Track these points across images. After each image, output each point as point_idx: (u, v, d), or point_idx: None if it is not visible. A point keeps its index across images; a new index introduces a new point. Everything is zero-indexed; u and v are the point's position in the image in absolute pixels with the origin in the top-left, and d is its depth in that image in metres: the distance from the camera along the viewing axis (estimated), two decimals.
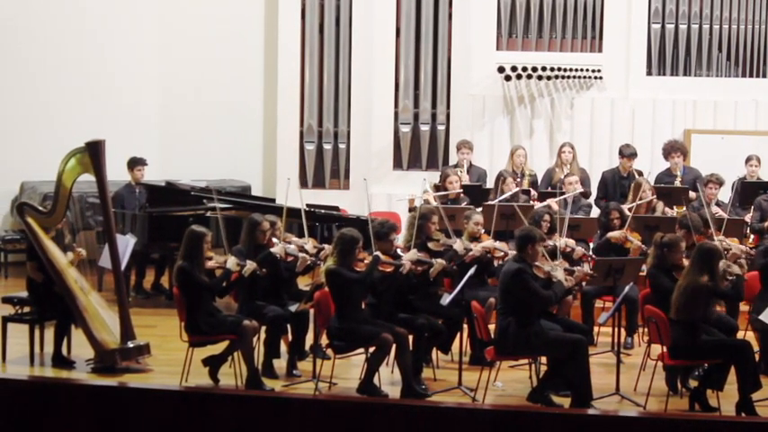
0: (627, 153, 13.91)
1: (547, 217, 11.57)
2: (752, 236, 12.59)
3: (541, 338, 9.66)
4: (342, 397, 9.62)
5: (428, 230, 10.94)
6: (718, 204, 13.05)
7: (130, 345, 10.70)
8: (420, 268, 10.49)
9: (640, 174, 13.57)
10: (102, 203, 10.83)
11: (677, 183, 13.58)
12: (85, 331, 10.67)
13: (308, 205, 13.47)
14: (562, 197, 13.02)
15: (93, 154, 10.67)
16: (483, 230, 11.50)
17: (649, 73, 15.70)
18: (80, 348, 10.90)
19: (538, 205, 12.80)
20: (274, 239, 10.83)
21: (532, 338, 9.64)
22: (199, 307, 10.07)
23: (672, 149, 13.85)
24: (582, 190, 13.37)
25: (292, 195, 11.41)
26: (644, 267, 10.69)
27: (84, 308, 10.70)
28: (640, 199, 12.78)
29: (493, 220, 11.72)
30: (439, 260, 10.59)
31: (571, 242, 11.62)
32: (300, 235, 11.61)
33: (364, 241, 10.22)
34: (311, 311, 10.57)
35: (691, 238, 10.81)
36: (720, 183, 13.15)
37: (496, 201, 12.58)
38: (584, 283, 10.82)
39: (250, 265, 10.30)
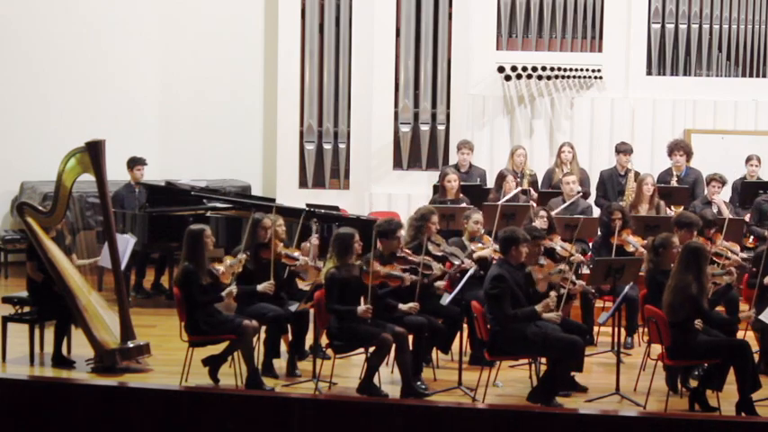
0: (622, 149, 13.94)
1: (543, 213, 11.56)
2: (751, 236, 12.61)
3: (538, 338, 9.69)
4: (342, 397, 9.65)
5: (428, 231, 10.93)
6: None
7: (130, 344, 10.70)
8: (427, 272, 10.49)
9: (638, 174, 13.60)
10: (102, 203, 10.84)
11: (674, 182, 13.59)
12: (85, 331, 10.68)
13: (307, 205, 13.50)
14: (564, 206, 12.92)
15: (93, 154, 10.68)
16: (483, 230, 11.50)
17: (649, 73, 15.70)
18: (80, 348, 10.92)
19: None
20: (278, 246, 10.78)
21: (528, 338, 9.67)
22: (199, 307, 10.08)
23: (675, 148, 13.87)
24: (579, 190, 13.26)
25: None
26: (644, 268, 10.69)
27: (84, 307, 10.71)
28: (641, 193, 12.80)
29: (495, 220, 11.76)
30: (438, 265, 10.62)
31: (568, 246, 11.64)
32: (303, 237, 11.63)
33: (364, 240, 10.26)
34: (311, 311, 10.57)
35: (690, 236, 10.82)
36: (723, 182, 13.15)
37: (501, 201, 12.55)
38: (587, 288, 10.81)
39: (233, 288, 10.30)
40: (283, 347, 10.76)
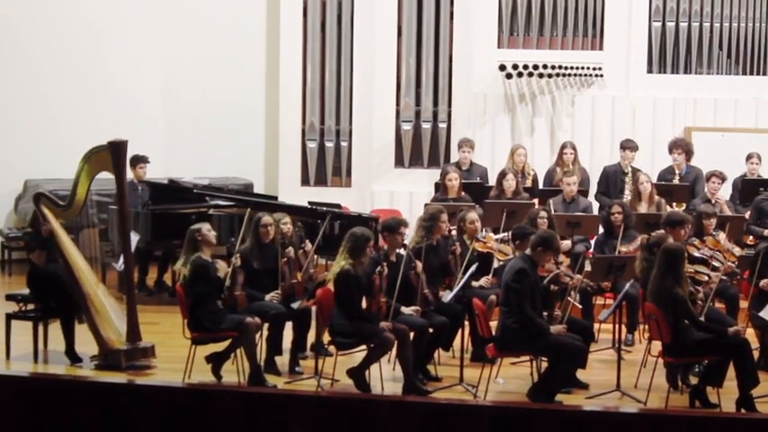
0: (627, 146, 13.98)
1: (543, 213, 11.61)
2: (751, 235, 12.66)
3: (544, 339, 9.72)
4: (343, 393, 9.65)
5: (439, 230, 10.95)
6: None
7: (135, 346, 10.72)
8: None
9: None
10: (119, 204, 10.95)
11: (676, 180, 13.64)
12: (92, 327, 10.73)
13: (309, 203, 13.55)
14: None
15: (115, 154, 10.74)
16: (481, 227, 11.54)
17: (650, 71, 15.76)
18: (83, 346, 10.96)
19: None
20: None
21: (535, 337, 9.71)
22: (203, 304, 10.14)
23: (674, 146, 13.92)
24: (575, 191, 13.21)
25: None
26: None
27: (91, 302, 10.76)
28: (638, 192, 12.85)
29: (502, 218, 11.85)
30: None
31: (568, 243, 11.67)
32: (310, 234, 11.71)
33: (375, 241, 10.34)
34: (313, 308, 10.61)
35: (681, 234, 10.86)
36: (723, 178, 13.17)
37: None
38: (585, 281, 10.85)
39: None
40: (286, 344, 10.79)
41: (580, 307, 10.81)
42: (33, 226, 11.12)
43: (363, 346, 10.13)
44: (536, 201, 13.17)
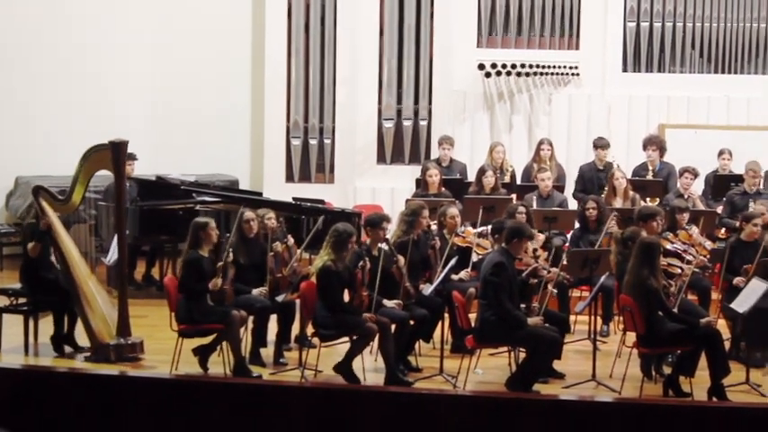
0: (599, 144, 14.18)
1: (521, 209, 11.80)
2: (723, 228, 12.87)
3: (522, 331, 9.89)
4: (327, 384, 9.78)
5: (419, 226, 11.10)
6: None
7: (125, 341, 10.82)
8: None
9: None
10: (117, 202, 11.04)
11: (650, 176, 13.85)
12: (84, 320, 10.85)
13: (294, 198, 13.72)
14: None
15: (115, 153, 10.86)
16: (461, 222, 11.74)
17: (625, 70, 15.91)
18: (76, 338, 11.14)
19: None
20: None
21: (513, 329, 9.89)
22: (194, 297, 10.31)
23: (648, 143, 14.12)
24: (550, 186, 13.40)
25: None
26: None
27: (84, 295, 10.87)
28: (614, 187, 13.06)
29: (479, 214, 12.05)
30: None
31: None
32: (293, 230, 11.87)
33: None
34: (297, 302, 10.77)
35: (654, 227, 11.08)
36: (696, 174, 13.36)
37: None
38: (562, 274, 11.04)
39: (218, 281, 10.44)
40: (271, 337, 10.93)
41: (555, 292, 10.96)
42: (36, 218, 11.18)
43: (346, 338, 10.26)
44: (514, 196, 13.29)
